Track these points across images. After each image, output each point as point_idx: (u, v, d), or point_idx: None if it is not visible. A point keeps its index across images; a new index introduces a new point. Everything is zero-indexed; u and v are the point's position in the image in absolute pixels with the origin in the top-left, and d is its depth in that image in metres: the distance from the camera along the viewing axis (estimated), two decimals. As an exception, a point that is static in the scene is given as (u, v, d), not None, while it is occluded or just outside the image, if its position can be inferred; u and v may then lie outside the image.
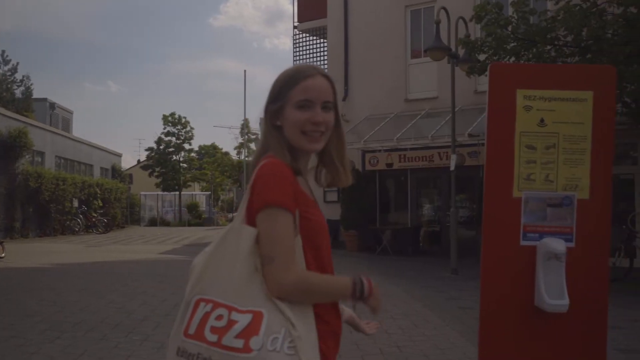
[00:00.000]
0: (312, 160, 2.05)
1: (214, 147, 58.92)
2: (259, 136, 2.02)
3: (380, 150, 19.40)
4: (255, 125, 38.69)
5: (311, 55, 25.55)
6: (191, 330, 1.79)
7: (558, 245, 3.02)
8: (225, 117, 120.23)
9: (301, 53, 25.70)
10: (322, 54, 25.02)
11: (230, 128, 68.11)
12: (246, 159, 45.17)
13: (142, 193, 49.41)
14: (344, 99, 21.35)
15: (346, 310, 2.14)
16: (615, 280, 10.44)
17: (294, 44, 25.69)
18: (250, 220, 1.83)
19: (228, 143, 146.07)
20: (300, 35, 25.68)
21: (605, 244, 3.17)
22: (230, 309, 1.76)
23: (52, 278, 11.74)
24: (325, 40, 23.84)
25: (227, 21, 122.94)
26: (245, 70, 70.06)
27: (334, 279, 1.88)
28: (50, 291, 9.86)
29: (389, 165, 19.29)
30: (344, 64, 21.46)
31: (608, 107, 3.13)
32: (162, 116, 50.40)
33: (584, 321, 3.12)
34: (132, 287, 10.62)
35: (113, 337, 6.77)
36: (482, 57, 13.54)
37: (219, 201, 58.55)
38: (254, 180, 1.84)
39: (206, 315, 1.79)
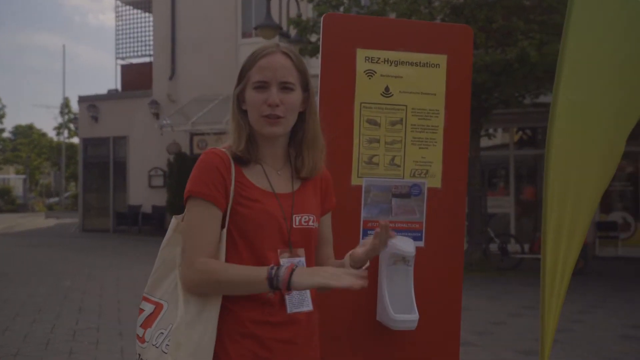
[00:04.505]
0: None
1: (30, 127, 54.50)
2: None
3: (209, 133, 18.53)
4: (76, 105, 35.95)
5: (136, 31, 23.83)
6: None
7: (406, 245, 2.40)
8: (46, 95, 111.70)
9: (125, 28, 23.90)
10: (148, 29, 23.41)
11: (48, 107, 62.98)
12: (66, 140, 42.02)
13: (-56, 177, 44.49)
14: (170, 78, 20.17)
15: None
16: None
17: (116, 16, 23.84)
18: None
19: (48, 123, 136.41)
20: (124, 8, 23.87)
21: (460, 242, 2.62)
22: (144, 297, 1.83)
23: None
24: (151, 14, 22.33)
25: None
26: (64, 45, 64.77)
27: (247, 271, 1.73)
28: None
29: (218, 148, 18.42)
30: (171, 41, 20.22)
31: (464, 75, 2.56)
32: (-33, 92, 45.60)
33: (434, 338, 2.55)
34: None
35: None
36: (313, 37, 13.14)
37: (37, 185, 54.35)
38: None
39: None
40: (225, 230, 1.78)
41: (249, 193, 1.81)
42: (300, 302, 1.84)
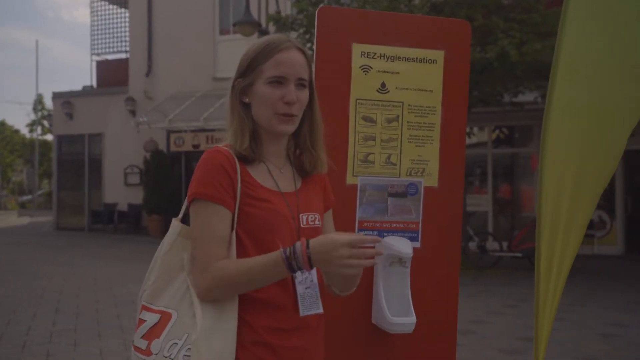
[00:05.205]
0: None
1: (2, 123, 53.67)
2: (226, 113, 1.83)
3: (186, 131, 18.35)
4: (49, 102, 35.42)
5: (112, 27, 23.50)
6: None
7: (403, 246, 2.34)
8: (18, 91, 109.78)
9: (100, 23, 23.54)
10: (123, 25, 23.09)
11: (21, 104, 62.07)
12: (39, 137, 41.42)
13: None
14: (147, 75, 19.93)
15: None
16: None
17: (91, 12, 23.47)
18: None
19: (21, 120, 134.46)
20: (99, 3, 23.53)
21: (456, 243, 2.56)
22: (144, 307, 1.74)
23: None
24: (127, 10, 22.04)
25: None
26: (37, 41, 63.56)
27: (259, 260, 1.64)
28: None
29: (196, 146, 18.22)
30: (147, 37, 19.97)
31: (461, 71, 2.51)
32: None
33: (430, 340, 2.49)
34: None
35: None
36: (293, 34, 13.06)
37: (9, 183, 53.54)
38: None
39: None
40: (234, 232, 1.70)
41: (256, 193, 1.73)
42: (311, 304, 1.78)
